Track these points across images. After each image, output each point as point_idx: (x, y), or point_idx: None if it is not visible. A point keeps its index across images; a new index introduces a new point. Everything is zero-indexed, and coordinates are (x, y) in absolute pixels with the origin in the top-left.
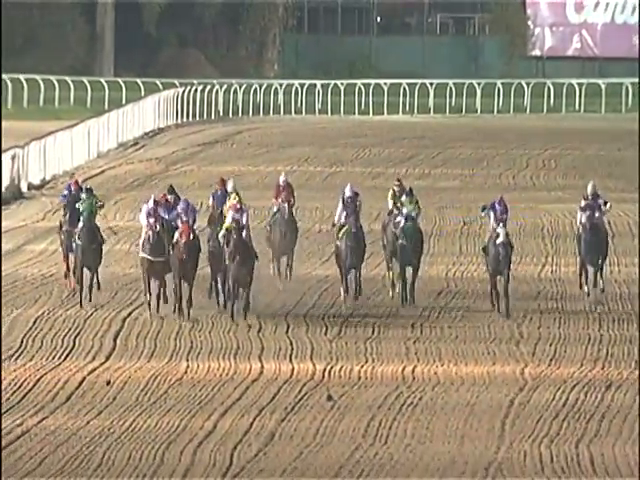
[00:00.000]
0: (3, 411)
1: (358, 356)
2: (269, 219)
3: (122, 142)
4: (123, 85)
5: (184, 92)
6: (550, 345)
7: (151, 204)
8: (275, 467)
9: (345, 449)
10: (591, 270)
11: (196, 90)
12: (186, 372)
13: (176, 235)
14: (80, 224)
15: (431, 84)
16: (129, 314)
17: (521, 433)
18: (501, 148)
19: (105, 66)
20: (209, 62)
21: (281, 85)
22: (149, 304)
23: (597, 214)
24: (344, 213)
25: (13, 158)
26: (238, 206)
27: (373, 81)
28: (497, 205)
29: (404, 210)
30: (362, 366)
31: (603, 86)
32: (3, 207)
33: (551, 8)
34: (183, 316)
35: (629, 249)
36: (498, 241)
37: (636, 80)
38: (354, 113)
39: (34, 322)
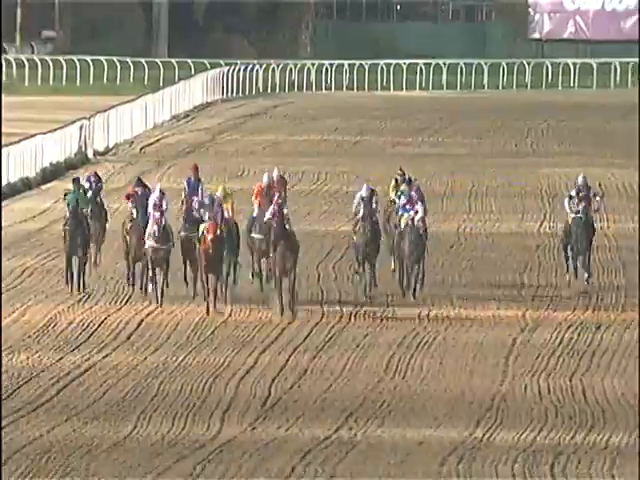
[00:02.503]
0: (73, 348)
1: (380, 301)
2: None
3: (175, 115)
4: (176, 65)
5: (229, 71)
6: (548, 291)
7: (157, 195)
8: (307, 398)
9: (369, 382)
10: (579, 259)
11: (239, 69)
12: (230, 315)
13: (202, 230)
14: (68, 214)
15: (444, 64)
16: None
17: (522, 368)
18: (505, 120)
19: (160, 49)
20: (250, 45)
21: (313, 65)
22: (149, 291)
23: (586, 205)
24: (360, 211)
25: (81, 128)
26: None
27: (393, 61)
28: (414, 192)
29: (401, 200)
30: (383, 310)
31: (595, 65)
32: (70, 172)
33: None
34: (212, 308)
35: (616, 207)
36: (417, 218)
37: (624, 60)
38: (377, 89)
39: (100, 270)
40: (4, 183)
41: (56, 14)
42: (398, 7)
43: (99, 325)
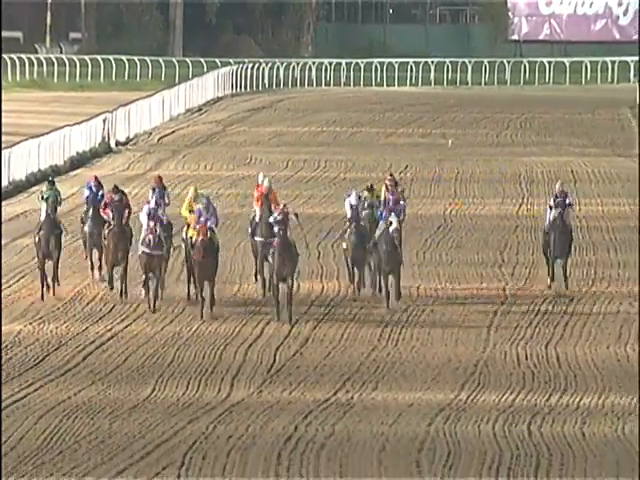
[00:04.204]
0: (97, 319)
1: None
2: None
3: (189, 108)
4: (190, 63)
5: (238, 69)
6: (526, 268)
7: (152, 204)
8: (309, 364)
9: (364, 350)
10: (558, 263)
11: (247, 67)
12: (239, 290)
13: (190, 234)
14: (42, 216)
15: (432, 62)
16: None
17: (502, 337)
18: (487, 112)
19: (176, 49)
20: (257, 45)
21: (314, 63)
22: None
23: (564, 212)
24: (349, 215)
25: (104, 121)
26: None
27: (386, 60)
28: (390, 195)
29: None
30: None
31: (567, 64)
32: (95, 160)
33: (526, 2)
34: (207, 312)
35: (587, 192)
36: (391, 228)
37: (594, 59)
38: (371, 85)
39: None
40: (35, 170)
41: (82, 18)
42: (391, 11)
43: (120, 298)
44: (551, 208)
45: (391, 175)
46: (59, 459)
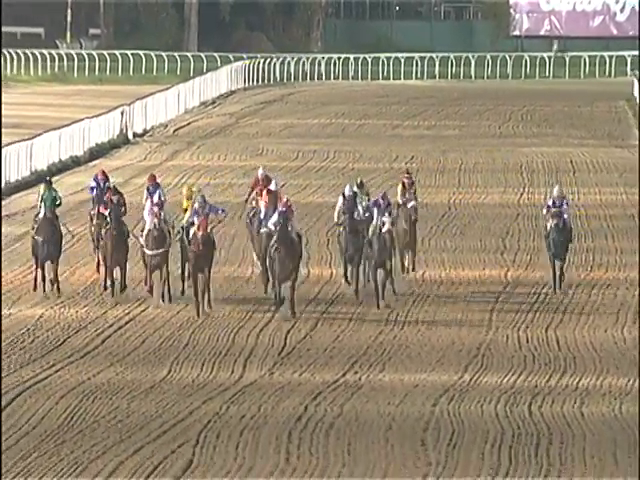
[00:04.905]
0: (116, 303)
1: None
2: (249, 212)
3: (203, 101)
4: (204, 58)
5: (250, 63)
6: (527, 254)
7: (156, 199)
8: (318, 347)
9: (371, 333)
10: (558, 264)
11: (259, 62)
12: (251, 276)
13: (193, 229)
14: (40, 216)
15: (437, 57)
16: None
17: (504, 321)
18: (490, 105)
19: (191, 44)
20: (269, 41)
21: (323, 58)
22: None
23: (564, 214)
24: (342, 210)
25: (122, 113)
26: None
27: (393, 55)
28: (380, 200)
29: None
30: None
31: (567, 58)
32: (113, 151)
33: None
34: (200, 306)
35: (585, 181)
36: (384, 229)
37: (592, 53)
38: (378, 79)
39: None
40: (55, 161)
41: (101, 15)
42: (397, 8)
43: (137, 284)
44: (549, 209)
45: (408, 173)
46: (79, 437)
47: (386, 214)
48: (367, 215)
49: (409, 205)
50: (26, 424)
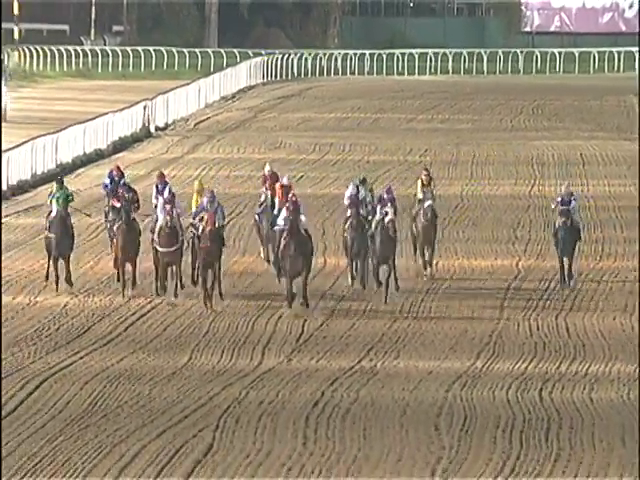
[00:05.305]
0: (138, 292)
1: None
2: (257, 209)
3: (223, 96)
4: (224, 54)
5: (268, 59)
6: (537, 245)
7: (166, 195)
8: (335, 335)
9: (386, 321)
10: (566, 261)
11: (277, 58)
12: (267, 267)
13: (202, 224)
14: (52, 214)
15: (450, 52)
16: (229, 222)
17: (515, 309)
18: (502, 99)
19: (211, 40)
20: (287, 37)
21: (339, 54)
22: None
23: (572, 213)
24: (348, 208)
25: (144, 108)
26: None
27: (407, 51)
28: (385, 194)
29: (368, 199)
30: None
31: (577, 54)
32: (136, 144)
33: None
34: (209, 302)
35: (595, 174)
36: (387, 219)
37: (601, 49)
38: (393, 74)
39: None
40: (80, 154)
41: (124, 12)
42: (411, 5)
43: (147, 279)
44: (560, 214)
45: (426, 170)
46: (103, 422)
47: (388, 204)
48: (370, 209)
49: (425, 204)
50: (52, 408)
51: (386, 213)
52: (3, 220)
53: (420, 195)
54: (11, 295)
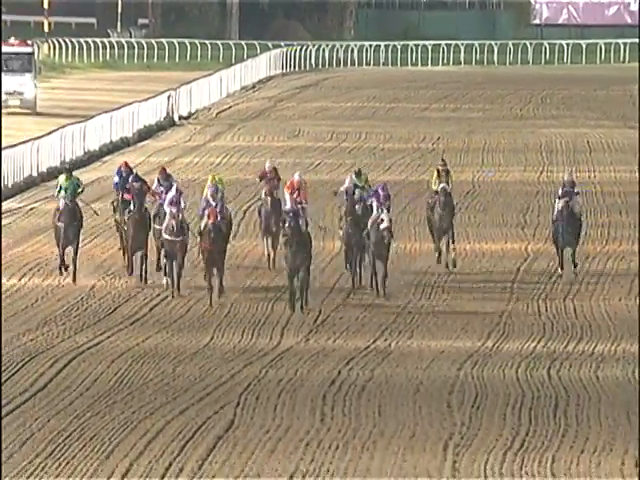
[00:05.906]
0: (163, 274)
1: (405, 234)
2: (258, 205)
3: (244, 86)
4: (245, 46)
5: (287, 51)
6: (546, 229)
7: (174, 192)
8: (351, 315)
9: (400, 302)
10: (568, 251)
11: (296, 49)
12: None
13: (204, 220)
14: (61, 206)
15: (462, 44)
16: (250, 207)
17: (525, 291)
18: (511, 89)
19: (232, 33)
20: (305, 29)
21: (356, 45)
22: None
23: (573, 201)
24: (345, 202)
25: (168, 98)
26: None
27: (421, 42)
28: (380, 191)
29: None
30: (412, 244)
31: (584, 45)
32: (160, 132)
33: None
34: (212, 291)
35: (601, 160)
36: (382, 226)
37: (608, 41)
38: (407, 65)
39: None
40: (107, 142)
41: (149, 5)
42: None
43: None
44: (559, 198)
45: (443, 161)
46: (129, 399)
47: (384, 210)
48: (367, 204)
49: (442, 198)
50: (80, 386)
51: (382, 220)
52: (33, 205)
53: (435, 187)
54: (41, 277)
